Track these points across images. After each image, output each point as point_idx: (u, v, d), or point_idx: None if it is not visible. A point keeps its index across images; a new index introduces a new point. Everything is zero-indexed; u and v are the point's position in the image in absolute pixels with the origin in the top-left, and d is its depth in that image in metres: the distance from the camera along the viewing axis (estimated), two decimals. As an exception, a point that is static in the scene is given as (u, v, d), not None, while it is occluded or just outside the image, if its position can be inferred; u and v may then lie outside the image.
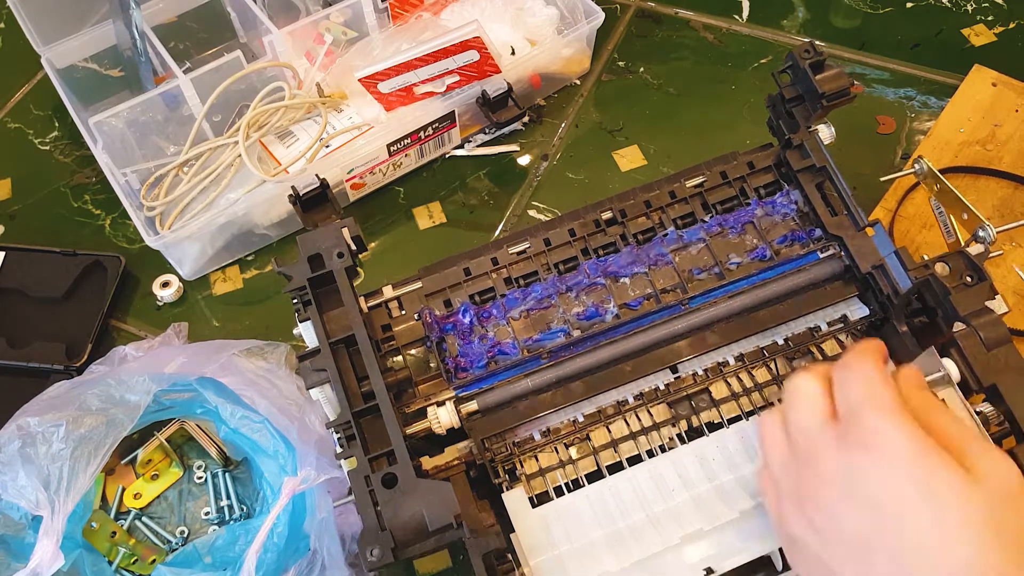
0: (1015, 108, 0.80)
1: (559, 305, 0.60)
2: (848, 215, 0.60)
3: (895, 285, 0.55)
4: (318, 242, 0.56)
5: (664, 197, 0.64)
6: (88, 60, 0.91)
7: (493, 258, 0.62)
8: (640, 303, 0.60)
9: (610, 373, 0.58)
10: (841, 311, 0.60)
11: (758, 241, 0.62)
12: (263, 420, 0.62)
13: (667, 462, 0.56)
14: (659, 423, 0.58)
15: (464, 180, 0.86)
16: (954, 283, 0.53)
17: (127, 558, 0.65)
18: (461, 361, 0.58)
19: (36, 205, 0.87)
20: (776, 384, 0.59)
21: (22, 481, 0.58)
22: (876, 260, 0.57)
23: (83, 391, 0.63)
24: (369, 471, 0.50)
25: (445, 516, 0.47)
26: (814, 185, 0.61)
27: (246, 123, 0.77)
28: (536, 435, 0.57)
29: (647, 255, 0.61)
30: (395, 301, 0.61)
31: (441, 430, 0.55)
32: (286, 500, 0.58)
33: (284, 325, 0.77)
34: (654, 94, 0.91)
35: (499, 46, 0.84)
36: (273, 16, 0.84)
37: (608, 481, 0.55)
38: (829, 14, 0.97)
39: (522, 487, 0.55)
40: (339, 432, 0.52)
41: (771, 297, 0.59)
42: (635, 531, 0.53)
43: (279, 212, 0.80)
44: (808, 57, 0.59)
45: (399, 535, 0.47)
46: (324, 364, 0.53)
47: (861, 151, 0.83)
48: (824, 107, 0.59)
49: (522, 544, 0.52)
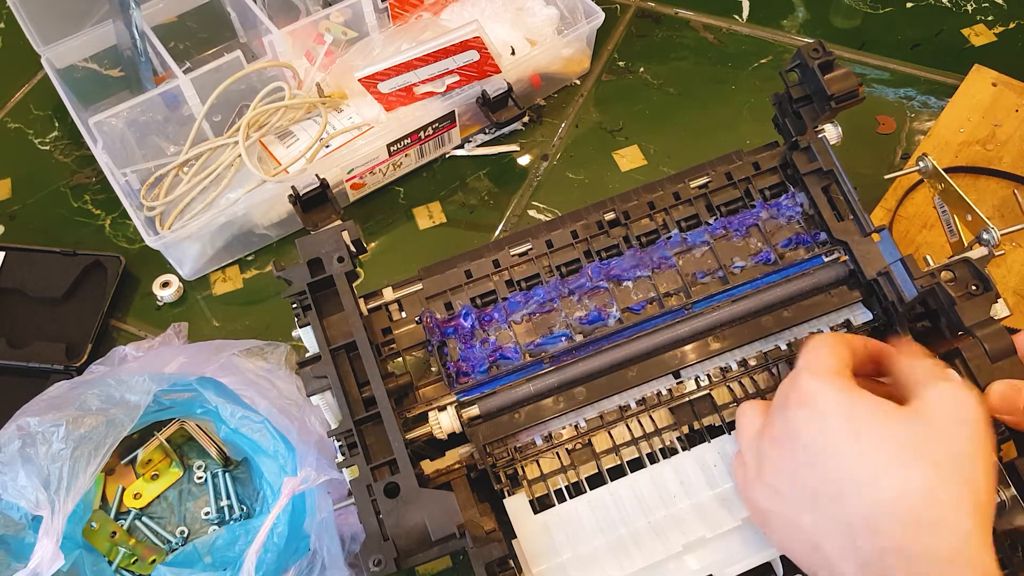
0: (1015, 108, 0.80)
1: (561, 309, 0.60)
2: (854, 220, 0.59)
3: (900, 292, 0.55)
4: (318, 246, 0.56)
5: (668, 198, 0.63)
6: (88, 60, 0.91)
7: (495, 260, 0.61)
8: (643, 307, 0.60)
9: (612, 378, 0.57)
10: (844, 316, 0.59)
11: (762, 244, 0.61)
12: (263, 420, 0.62)
13: (669, 468, 0.56)
14: (661, 428, 0.57)
15: (464, 180, 0.86)
16: (959, 292, 0.53)
17: (127, 558, 0.65)
18: (463, 365, 0.58)
19: (36, 205, 0.87)
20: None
21: (22, 481, 0.58)
22: (882, 267, 0.56)
23: (83, 391, 0.63)
24: (371, 480, 0.50)
25: (448, 526, 0.47)
26: (820, 188, 0.61)
27: (246, 123, 0.77)
28: (538, 440, 0.57)
29: (650, 258, 0.61)
30: (395, 304, 0.61)
31: (442, 435, 0.55)
32: (286, 500, 0.58)
33: (284, 325, 0.77)
34: (654, 94, 0.91)
35: (499, 46, 0.84)
36: (273, 16, 0.84)
37: (610, 487, 0.55)
38: (829, 14, 0.97)
39: (524, 492, 0.55)
40: (340, 440, 0.52)
41: (775, 302, 0.58)
42: (637, 538, 0.53)
43: (279, 212, 0.80)
44: (817, 56, 0.58)
45: (402, 544, 0.47)
46: (325, 371, 0.53)
47: (861, 151, 0.83)
48: (832, 109, 0.58)
49: (524, 551, 0.52)
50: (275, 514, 0.58)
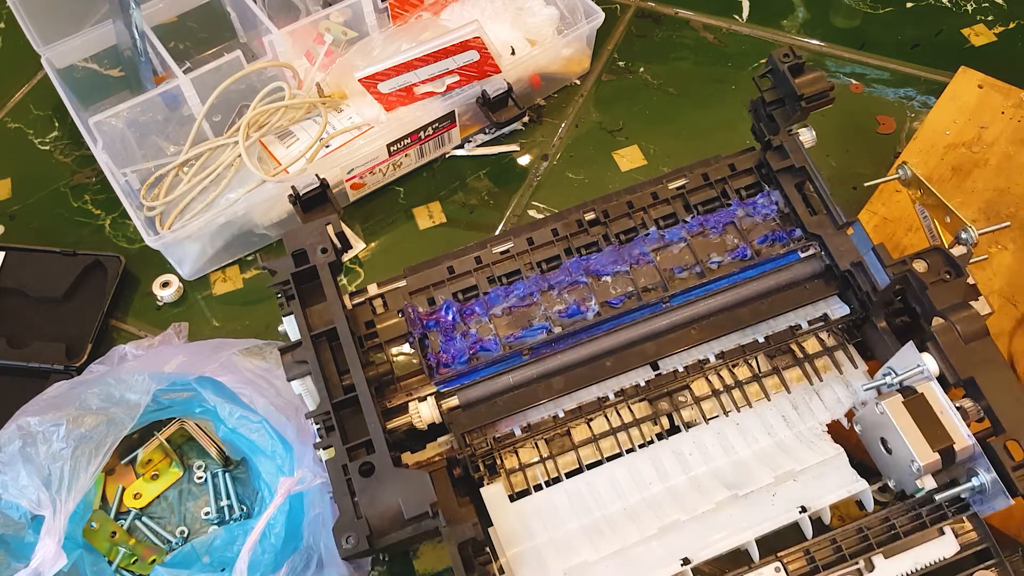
0: (1001, 110, 0.80)
1: (541, 303, 0.60)
2: (827, 213, 0.60)
3: (874, 282, 0.56)
4: (303, 238, 0.57)
5: (647, 198, 0.64)
6: (88, 60, 0.91)
7: (476, 257, 0.62)
8: (621, 301, 0.60)
9: (591, 369, 0.58)
10: (822, 310, 0.60)
11: (739, 241, 0.62)
12: (261, 420, 0.62)
13: (644, 456, 0.57)
14: (639, 419, 0.58)
15: (464, 180, 0.86)
16: (932, 279, 0.53)
17: (127, 558, 0.65)
18: (443, 357, 0.59)
19: (36, 205, 0.87)
20: (756, 381, 0.59)
21: (23, 481, 0.58)
22: (855, 258, 0.58)
23: (83, 390, 0.63)
24: (347, 460, 0.50)
25: (421, 505, 0.47)
26: (794, 185, 0.62)
27: (246, 123, 0.77)
28: (517, 430, 0.57)
29: (629, 254, 0.62)
30: (379, 299, 0.61)
31: (422, 425, 0.56)
32: (281, 500, 0.58)
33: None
34: (654, 94, 0.91)
35: (499, 46, 0.84)
36: (273, 16, 0.84)
37: (586, 476, 0.56)
38: (829, 14, 0.97)
39: (501, 482, 0.56)
40: (318, 423, 0.53)
41: (752, 295, 0.59)
42: (612, 522, 0.54)
43: (279, 212, 0.80)
44: (788, 60, 0.60)
45: (375, 523, 0.48)
46: (305, 356, 0.54)
47: (861, 151, 0.83)
48: (803, 109, 0.60)
49: (499, 537, 0.53)
50: (269, 514, 0.58)
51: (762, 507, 0.54)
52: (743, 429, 0.58)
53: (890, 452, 0.53)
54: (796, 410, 0.58)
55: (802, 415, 0.58)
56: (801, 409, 0.58)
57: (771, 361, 0.60)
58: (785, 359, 0.60)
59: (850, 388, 0.59)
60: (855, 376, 0.59)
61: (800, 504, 0.53)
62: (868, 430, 0.55)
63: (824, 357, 0.60)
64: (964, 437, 0.51)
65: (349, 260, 0.79)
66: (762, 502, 0.54)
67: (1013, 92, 0.80)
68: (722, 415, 0.58)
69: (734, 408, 0.58)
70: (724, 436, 0.57)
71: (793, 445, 0.57)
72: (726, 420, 0.58)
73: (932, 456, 0.51)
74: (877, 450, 0.55)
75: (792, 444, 0.57)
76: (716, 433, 0.57)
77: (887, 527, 0.53)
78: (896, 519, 0.53)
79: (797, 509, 0.53)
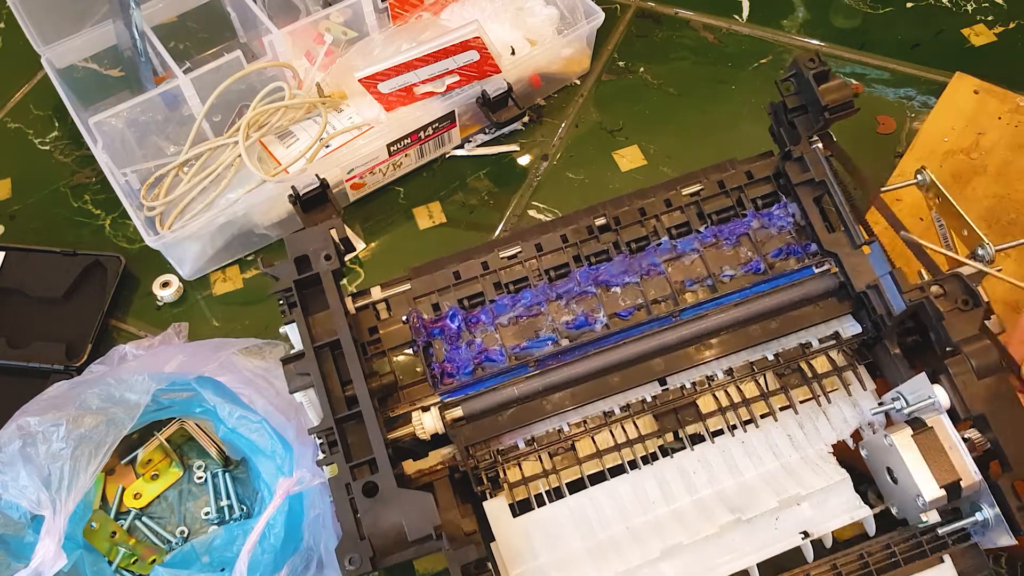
0: (998, 115, 0.80)
1: (548, 313, 0.59)
2: (845, 232, 0.59)
3: (889, 306, 0.54)
4: (306, 243, 0.56)
5: (659, 205, 0.63)
6: (88, 60, 0.91)
7: (483, 262, 0.61)
8: (631, 313, 0.59)
9: (597, 383, 0.57)
10: (833, 328, 0.59)
11: (752, 254, 0.61)
12: (261, 420, 0.62)
13: (649, 475, 0.56)
14: (645, 435, 0.57)
15: (464, 180, 0.86)
16: (949, 307, 0.52)
17: (127, 558, 0.65)
18: (447, 366, 0.58)
19: (36, 205, 0.87)
20: (763, 400, 0.58)
21: (23, 481, 0.58)
22: (871, 279, 0.56)
23: (83, 390, 0.63)
24: (350, 478, 0.50)
25: (425, 527, 0.47)
26: (812, 199, 0.60)
27: (246, 123, 0.77)
28: (520, 443, 0.57)
29: (639, 264, 0.60)
30: (383, 303, 0.61)
31: (425, 435, 0.55)
32: (279, 501, 0.58)
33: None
34: (654, 94, 0.91)
35: (499, 46, 0.84)
36: (273, 16, 0.84)
37: (590, 492, 0.55)
38: (829, 14, 0.97)
39: (504, 495, 0.55)
40: (321, 438, 0.52)
41: (763, 311, 0.58)
42: (616, 543, 0.53)
43: (279, 212, 0.80)
44: (813, 67, 0.58)
45: (378, 544, 0.47)
46: (308, 368, 0.53)
47: (861, 151, 0.82)
48: (826, 119, 0.58)
49: (502, 554, 0.52)
50: (268, 515, 0.58)
51: (765, 531, 0.53)
52: (748, 449, 0.57)
53: (896, 482, 0.53)
54: (803, 430, 0.58)
55: (808, 436, 0.57)
56: (808, 429, 0.58)
57: (780, 380, 0.59)
58: (794, 378, 0.59)
59: (857, 408, 0.58)
60: (863, 397, 0.58)
61: (803, 529, 0.53)
62: (875, 457, 0.55)
63: (833, 376, 0.59)
64: (971, 474, 0.50)
65: (349, 260, 0.79)
66: (765, 526, 0.54)
67: (1009, 97, 0.80)
68: (728, 434, 0.57)
69: (740, 427, 0.58)
70: (730, 456, 0.57)
71: (798, 468, 0.56)
72: (732, 440, 0.57)
73: (938, 492, 0.50)
74: (883, 478, 0.54)
75: (797, 467, 0.56)
76: (722, 452, 0.57)
77: (888, 554, 0.53)
78: (897, 547, 0.53)
79: (800, 535, 0.53)
